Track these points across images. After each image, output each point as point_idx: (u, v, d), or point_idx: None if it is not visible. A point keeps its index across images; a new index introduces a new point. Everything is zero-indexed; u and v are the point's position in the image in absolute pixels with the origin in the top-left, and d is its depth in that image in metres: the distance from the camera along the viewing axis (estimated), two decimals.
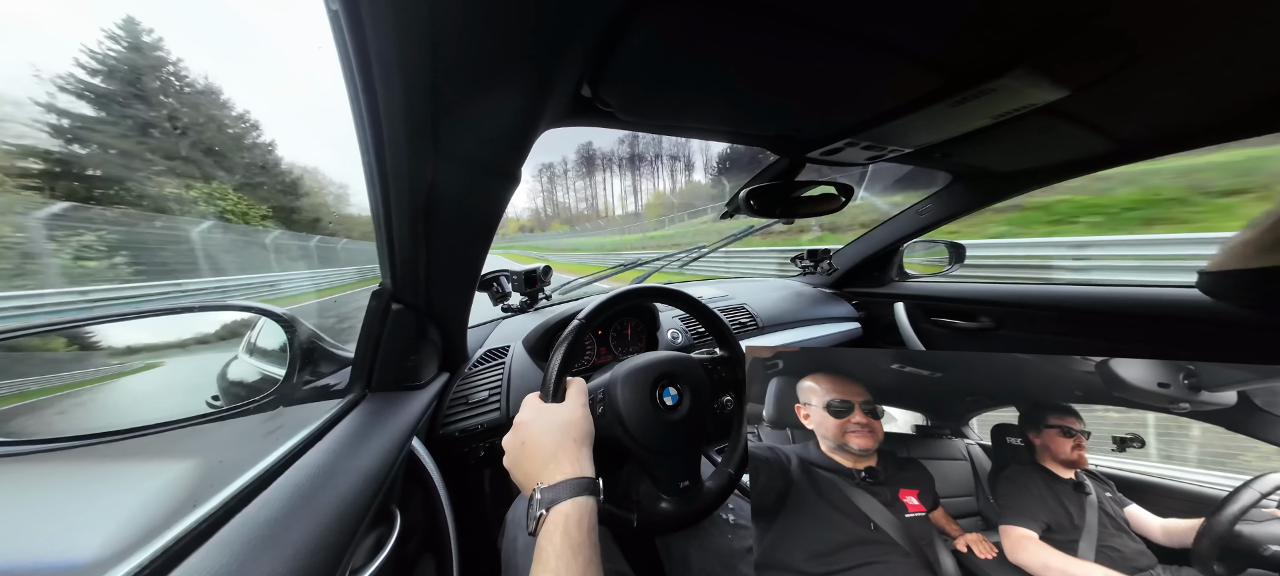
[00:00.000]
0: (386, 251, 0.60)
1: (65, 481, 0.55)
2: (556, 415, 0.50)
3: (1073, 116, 0.70)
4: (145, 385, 0.85)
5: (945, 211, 1.25)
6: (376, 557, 0.50)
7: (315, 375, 0.73)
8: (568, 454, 0.46)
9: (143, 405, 0.73)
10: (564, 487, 0.43)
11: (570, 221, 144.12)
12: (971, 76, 0.53)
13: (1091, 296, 1.08)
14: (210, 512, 0.40)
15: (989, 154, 0.93)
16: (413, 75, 0.37)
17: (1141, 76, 0.56)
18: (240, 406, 0.66)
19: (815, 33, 0.45)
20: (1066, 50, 0.48)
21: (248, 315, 0.80)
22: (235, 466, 0.47)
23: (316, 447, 0.53)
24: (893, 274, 1.55)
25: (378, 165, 0.47)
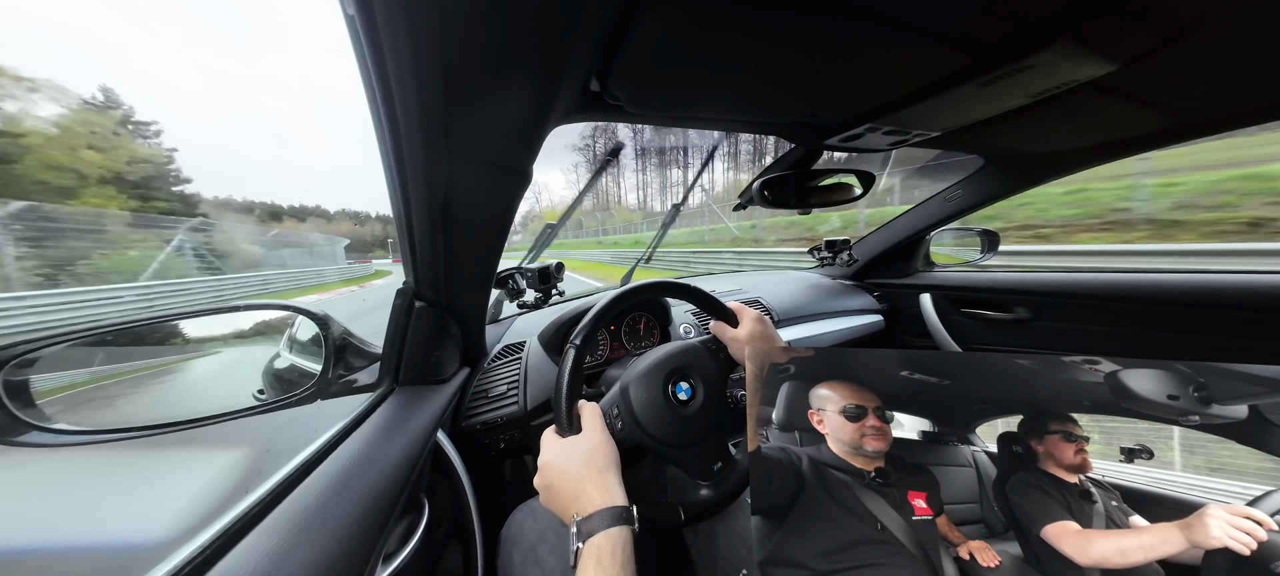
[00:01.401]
0: (408, 251, 0.63)
1: (134, 469, 0.61)
2: (575, 448, 0.50)
3: (1121, 92, 0.65)
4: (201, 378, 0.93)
5: (977, 197, 1.18)
6: (408, 543, 0.54)
7: (348, 369, 0.77)
8: (594, 484, 0.46)
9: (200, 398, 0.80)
10: (597, 519, 0.43)
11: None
12: (1004, 54, 0.50)
13: (1144, 284, 0.99)
14: (260, 498, 0.44)
15: (1025, 135, 0.87)
16: (426, 77, 0.38)
17: (1197, 48, 0.51)
18: (283, 399, 0.71)
19: (831, 14, 0.43)
20: (1113, 20, 0.44)
21: (286, 313, 0.85)
22: (280, 455, 0.52)
23: (351, 439, 0.57)
24: (918, 264, 1.49)
25: (397, 167, 0.49)
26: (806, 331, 1.33)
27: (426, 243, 0.61)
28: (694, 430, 0.59)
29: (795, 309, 1.36)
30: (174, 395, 0.94)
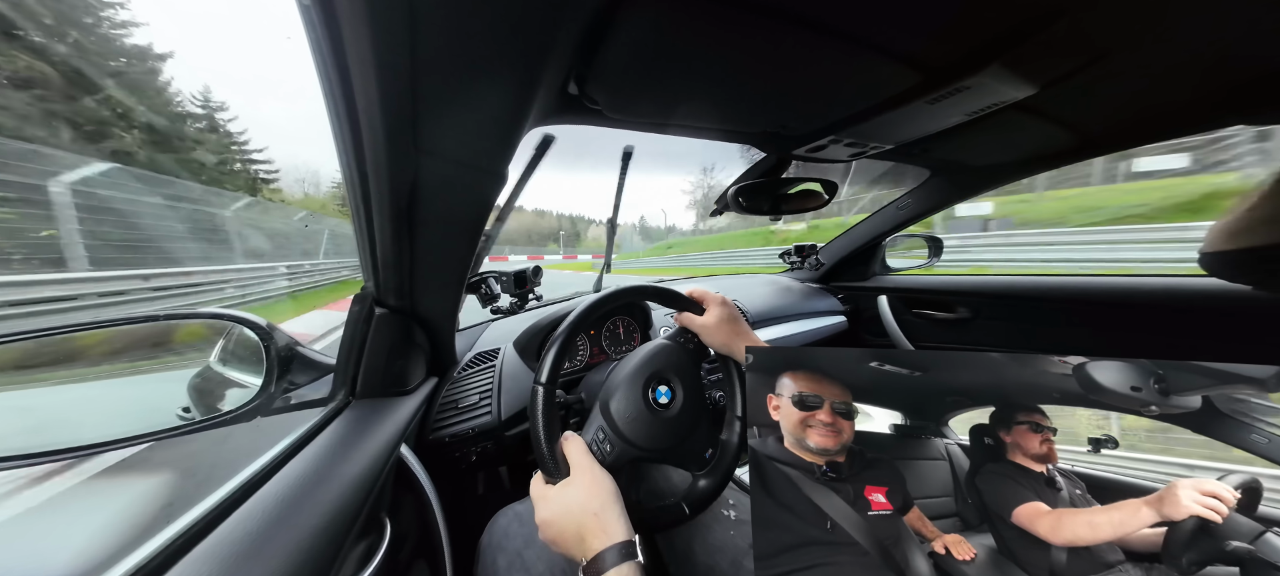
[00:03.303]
0: (368, 253, 0.59)
1: (33, 497, 0.52)
2: (566, 496, 0.48)
3: (1041, 112, 0.73)
4: (112, 396, 0.81)
5: (924, 205, 1.28)
6: (367, 567, 0.49)
7: (294, 384, 0.71)
8: (592, 528, 0.45)
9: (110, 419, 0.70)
10: (601, 561, 0.42)
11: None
12: (947, 74, 0.55)
13: (1071, 287, 1.11)
14: (186, 527, 0.39)
15: (964, 149, 0.96)
16: (391, 71, 0.36)
17: (1106, 73, 0.58)
18: (214, 418, 0.63)
19: (800, 29, 0.45)
20: (1034, 48, 0.50)
21: (220, 323, 0.77)
22: (211, 480, 0.46)
23: (298, 458, 0.52)
24: (876, 267, 1.59)
25: (356, 164, 0.46)
26: (777, 332, 1.38)
27: (389, 244, 0.57)
28: (680, 430, 0.59)
29: (767, 311, 1.41)
30: (77, 415, 0.82)
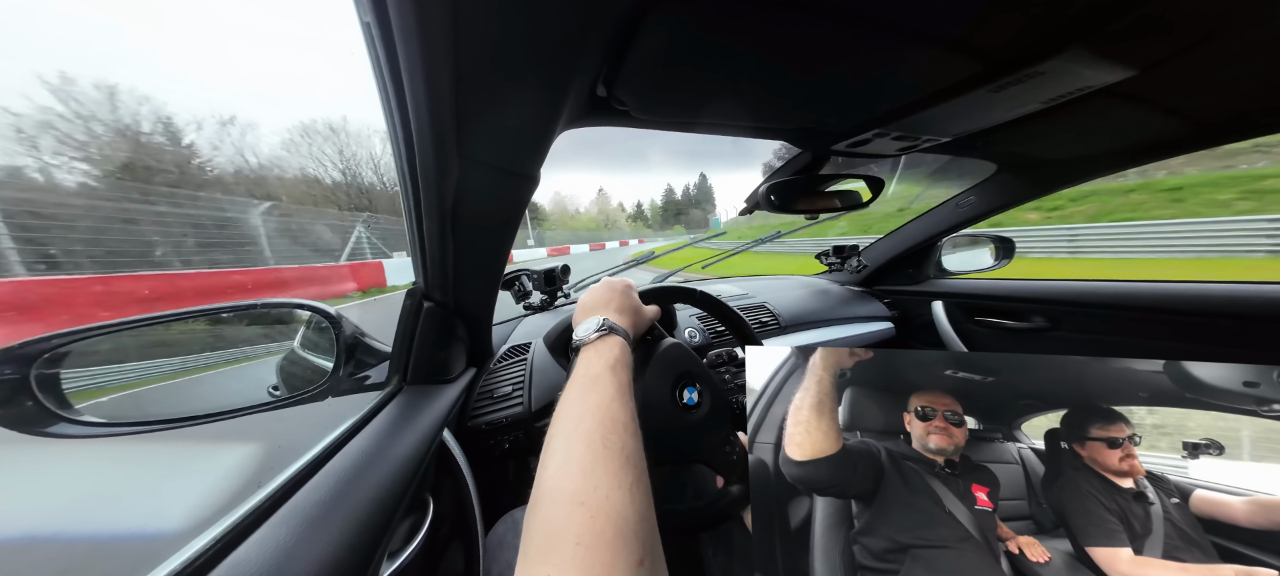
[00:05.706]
0: (418, 251, 0.64)
1: (154, 461, 0.63)
2: (606, 283, 0.61)
3: (1136, 98, 0.64)
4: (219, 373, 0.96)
5: (990, 204, 1.16)
6: (412, 542, 0.54)
7: (359, 367, 0.79)
8: (603, 308, 0.55)
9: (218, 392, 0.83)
10: (585, 329, 0.50)
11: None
12: (1015, 60, 0.49)
13: (1168, 293, 0.97)
14: (271, 493, 0.45)
15: (1039, 141, 0.85)
16: (437, 82, 0.39)
17: (1215, 53, 0.50)
18: (296, 396, 0.73)
19: (836, 21, 0.43)
20: (1129, 27, 0.43)
21: (301, 312, 0.87)
22: (291, 450, 0.53)
23: (359, 436, 0.58)
24: (929, 271, 1.47)
25: (408, 169, 0.50)
26: (813, 338, 1.32)
27: (436, 244, 0.62)
28: (701, 435, 0.58)
29: (802, 314, 1.35)
30: (191, 390, 0.97)
